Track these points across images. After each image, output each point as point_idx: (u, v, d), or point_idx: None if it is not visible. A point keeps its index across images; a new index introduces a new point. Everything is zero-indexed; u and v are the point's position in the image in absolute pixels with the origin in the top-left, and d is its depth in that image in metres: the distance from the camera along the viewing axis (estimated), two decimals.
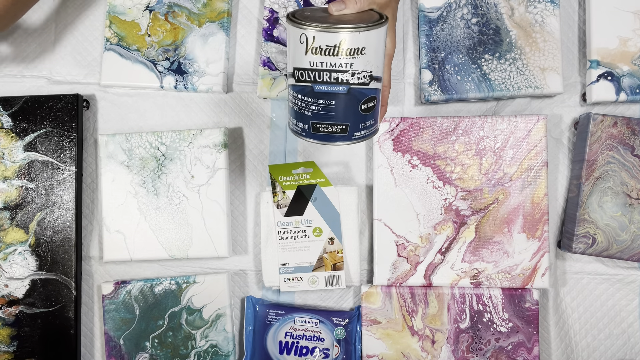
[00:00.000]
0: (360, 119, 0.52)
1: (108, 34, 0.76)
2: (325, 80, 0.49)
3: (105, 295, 0.73)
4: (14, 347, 0.73)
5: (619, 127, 0.68)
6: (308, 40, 0.48)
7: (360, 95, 0.51)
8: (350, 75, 0.49)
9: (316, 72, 0.49)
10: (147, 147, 0.73)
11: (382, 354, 0.71)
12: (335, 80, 0.49)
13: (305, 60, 0.49)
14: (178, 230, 0.73)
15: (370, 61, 0.49)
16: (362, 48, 0.48)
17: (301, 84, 0.50)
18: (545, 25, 0.70)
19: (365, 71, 0.49)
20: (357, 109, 0.51)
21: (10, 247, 0.73)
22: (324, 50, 0.48)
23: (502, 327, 0.69)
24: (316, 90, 0.50)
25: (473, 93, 0.70)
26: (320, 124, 0.52)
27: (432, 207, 0.70)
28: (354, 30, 0.47)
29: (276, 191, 0.72)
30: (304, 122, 0.53)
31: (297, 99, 0.52)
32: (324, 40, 0.48)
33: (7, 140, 0.74)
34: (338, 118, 0.51)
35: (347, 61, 0.48)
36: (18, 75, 0.79)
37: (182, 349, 0.73)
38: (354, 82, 0.49)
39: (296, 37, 0.49)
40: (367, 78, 0.50)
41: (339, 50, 0.48)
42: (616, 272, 0.72)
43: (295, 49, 0.50)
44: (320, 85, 0.49)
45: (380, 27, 0.49)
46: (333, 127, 0.52)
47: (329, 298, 0.75)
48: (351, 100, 0.50)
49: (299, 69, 0.50)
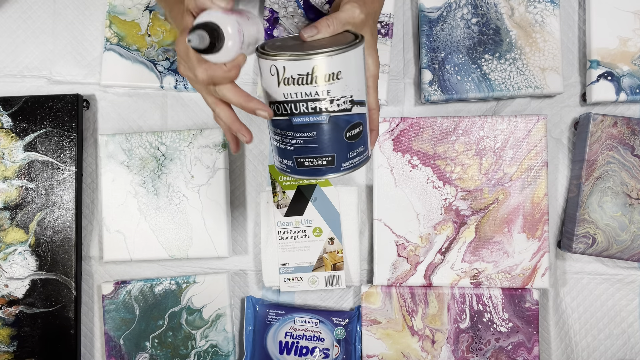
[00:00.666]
0: (347, 147, 0.49)
1: (108, 34, 0.76)
2: (303, 111, 0.46)
3: (105, 295, 0.73)
4: (14, 347, 0.73)
5: (619, 127, 0.68)
6: (279, 71, 0.45)
7: (344, 122, 0.47)
8: (329, 103, 0.45)
9: (292, 103, 0.46)
10: (147, 147, 0.73)
11: (382, 354, 0.71)
12: (313, 110, 0.46)
13: (279, 93, 0.46)
14: (178, 230, 0.73)
15: (349, 85, 0.46)
16: (338, 72, 0.45)
17: (278, 118, 0.47)
18: (545, 25, 0.70)
19: (344, 97, 0.46)
20: (341, 137, 0.48)
21: (10, 247, 0.73)
22: (296, 79, 0.45)
23: (502, 327, 0.69)
24: (295, 122, 0.46)
25: (473, 93, 0.70)
26: (304, 158, 0.49)
27: (432, 207, 0.70)
28: (327, 54, 0.44)
29: (276, 191, 0.72)
30: (287, 158, 0.49)
31: (277, 134, 0.49)
32: (295, 69, 0.45)
33: (7, 140, 0.74)
34: (323, 150, 0.48)
35: (323, 88, 0.45)
36: (18, 75, 0.79)
37: (182, 349, 0.73)
38: (334, 110, 0.46)
39: (266, 69, 0.46)
40: (348, 104, 0.46)
41: (313, 77, 0.45)
42: (616, 272, 0.72)
43: (267, 82, 0.47)
44: (298, 117, 0.46)
45: (355, 47, 0.46)
46: (318, 160, 0.49)
47: (329, 298, 0.75)
48: (334, 129, 0.47)
49: (274, 102, 0.47)
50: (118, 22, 0.76)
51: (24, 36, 0.79)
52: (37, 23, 0.79)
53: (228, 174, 0.74)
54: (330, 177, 0.50)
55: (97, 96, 0.78)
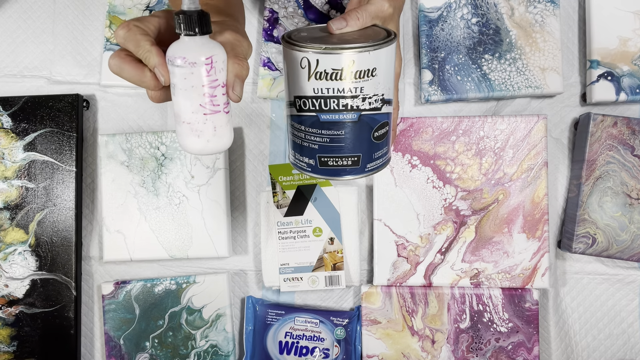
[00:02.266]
0: (373, 148, 0.47)
1: (108, 34, 0.76)
2: (333, 109, 0.43)
3: (105, 295, 0.73)
4: (14, 347, 0.73)
5: (619, 127, 0.68)
6: (310, 64, 0.42)
7: (372, 121, 0.45)
8: (361, 101, 0.43)
9: (321, 99, 0.43)
10: (147, 147, 0.73)
11: (382, 354, 0.71)
12: (344, 107, 0.43)
13: (307, 87, 0.43)
14: (178, 230, 0.73)
15: (381, 83, 0.44)
16: (373, 69, 0.43)
17: (304, 114, 0.45)
18: (545, 25, 0.70)
19: (377, 95, 0.44)
20: (369, 137, 0.46)
21: (10, 247, 0.73)
22: (329, 74, 0.42)
23: (502, 327, 0.69)
24: (322, 120, 0.44)
25: (473, 93, 0.70)
26: (328, 157, 0.46)
27: (432, 207, 0.70)
28: (363, 49, 0.42)
29: (276, 191, 0.72)
30: (309, 156, 0.47)
31: (300, 131, 0.46)
32: (329, 63, 0.42)
33: (7, 140, 0.74)
34: (349, 149, 0.46)
35: (356, 85, 0.43)
36: (18, 75, 0.79)
37: (182, 349, 0.73)
38: (365, 108, 0.44)
39: (295, 61, 0.43)
40: (379, 102, 0.44)
41: (347, 73, 0.42)
42: (616, 272, 0.72)
43: (294, 75, 0.44)
44: (327, 115, 0.44)
45: (390, 44, 0.44)
46: (343, 160, 0.46)
47: (329, 298, 0.75)
48: (362, 128, 0.45)
49: (300, 97, 0.44)
50: (118, 22, 0.76)
51: (24, 36, 0.79)
52: (37, 23, 0.79)
53: (228, 174, 0.74)
54: (352, 178, 0.48)
55: (97, 96, 0.78)
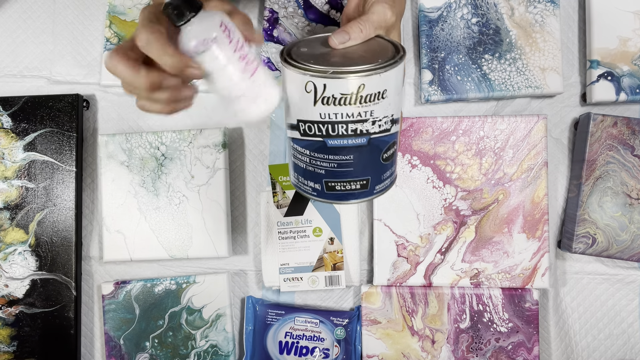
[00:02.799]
0: (382, 169, 0.44)
1: (108, 34, 0.76)
2: (341, 134, 0.41)
3: (105, 295, 0.73)
4: (14, 347, 0.73)
5: (619, 127, 0.68)
6: (317, 89, 0.39)
7: (382, 144, 0.43)
8: (371, 124, 0.41)
9: (329, 124, 0.40)
10: (147, 147, 0.73)
11: (382, 354, 0.71)
12: (352, 132, 0.40)
13: (314, 112, 0.40)
14: (178, 230, 0.73)
15: (391, 104, 0.41)
16: (384, 91, 0.40)
17: (309, 139, 0.42)
18: (545, 25, 0.70)
19: (387, 117, 0.41)
20: (378, 159, 0.43)
21: (10, 247, 0.73)
22: (338, 99, 0.39)
23: (502, 327, 0.69)
24: (329, 145, 0.41)
25: (473, 93, 0.70)
26: (336, 182, 0.44)
27: (432, 207, 0.70)
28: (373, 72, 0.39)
29: (276, 191, 0.72)
30: (315, 180, 0.44)
31: (304, 155, 0.43)
32: (338, 87, 0.39)
33: (7, 140, 0.74)
34: (357, 174, 0.43)
35: (366, 109, 0.40)
36: (18, 75, 0.79)
37: (182, 349, 0.73)
38: (375, 132, 0.41)
39: (299, 84, 0.40)
40: (389, 123, 0.42)
41: (357, 97, 0.39)
42: (616, 272, 0.72)
43: (298, 97, 0.41)
44: (335, 140, 0.41)
45: (400, 63, 0.41)
46: (352, 184, 0.44)
47: (329, 298, 0.75)
48: (372, 151, 0.42)
49: (305, 122, 0.41)
50: (118, 22, 0.76)
51: (24, 36, 0.79)
52: (37, 23, 0.79)
53: (228, 174, 0.74)
54: (360, 201, 0.45)
55: (97, 96, 0.78)
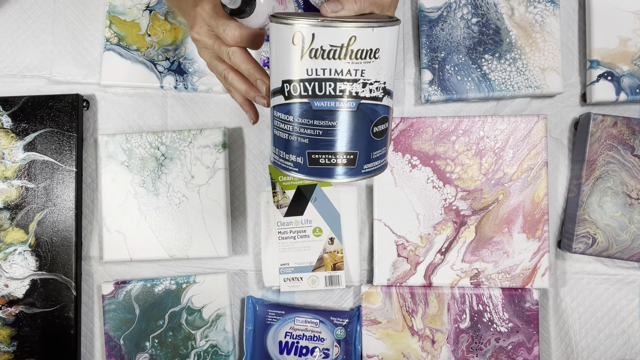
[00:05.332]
0: (372, 145, 0.41)
1: (108, 34, 0.76)
2: (329, 94, 0.37)
3: (105, 295, 0.73)
4: (14, 347, 0.73)
5: (619, 127, 0.68)
6: (305, 39, 0.37)
7: (373, 113, 0.39)
8: (361, 87, 0.38)
9: (315, 82, 0.37)
10: (147, 147, 0.73)
11: (382, 354, 0.71)
12: (341, 92, 0.37)
13: (300, 69, 0.38)
14: (178, 230, 0.73)
15: (384, 68, 0.39)
16: (376, 50, 0.37)
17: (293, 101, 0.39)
18: (545, 25, 0.70)
19: (378, 81, 0.38)
20: (368, 132, 0.40)
21: (10, 247, 0.73)
22: (327, 51, 0.37)
23: (502, 327, 0.69)
24: (315, 107, 0.38)
25: (473, 93, 0.70)
26: (320, 154, 0.40)
27: (432, 207, 0.70)
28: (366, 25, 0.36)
29: (276, 191, 0.72)
30: (297, 153, 0.40)
31: (287, 123, 0.40)
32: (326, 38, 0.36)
33: (7, 140, 0.74)
34: (344, 145, 0.39)
35: (357, 67, 0.37)
36: (18, 75, 0.79)
37: (182, 349, 0.73)
38: (365, 96, 0.38)
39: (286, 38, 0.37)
40: (381, 91, 0.39)
41: (348, 51, 0.37)
42: (616, 272, 0.72)
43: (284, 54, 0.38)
44: (321, 101, 0.38)
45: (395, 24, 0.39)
46: (337, 158, 0.40)
47: (329, 298, 0.75)
48: (361, 120, 0.39)
49: (290, 82, 0.38)
50: (118, 22, 0.76)
51: (24, 36, 0.79)
52: (37, 23, 0.79)
53: (228, 174, 0.74)
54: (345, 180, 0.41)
55: (97, 96, 0.78)
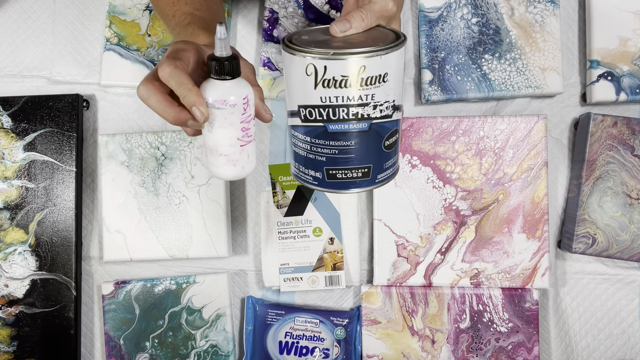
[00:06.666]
0: (384, 158, 0.44)
1: (108, 34, 0.76)
2: (342, 118, 0.41)
3: (105, 295, 0.73)
4: (14, 347, 0.73)
5: (619, 127, 0.68)
6: (317, 71, 0.39)
7: (383, 130, 0.42)
8: (372, 109, 0.41)
9: (329, 108, 0.40)
10: (147, 147, 0.73)
11: (382, 354, 0.71)
12: (354, 116, 0.41)
13: (314, 96, 0.41)
14: (178, 230, 0.73)
15: (392, 88, 0.41)
16: (385, 75, 0.40)
17: (310, 124, 0.42)
18: (545, 25, 0.70)
19: (387, 101, 0.41)
20: (380, 147, 0.43)
21: (10, 247, 0.73)
22: (338, 82, 0.39)
23: (502, 327, 0.69)
24: (330, 130, 0.41)
25: (473, 93, 0.70)
26: (337, 170, 0.43)
27: (432, 207, 0.70)
28: (373, 54, 0.39)
29: (276, 191, 0.72)
30: (316, 169, 0.44)
31: (305, 142, 0.43)
32: (338, 69, 0.39)
33: (7, 140, 0.74)
34: (359, 160, 0.43)
35: (367, 92, 0.40)
36: (18, 75, 0.79)
37: (182, 349, 0.73)
38: (376, 117, 0.41)
39: (299, 68, 0.40)
40: (390, 109, 0.42)
41: (357, 80, 0.39)
42: (616, 272, 0.72)
43: (299, 82, 0.41)
44: (336, 125, 0.41)
45: (400, 47, 0.41)
46: (353, 172, 0.43)
47: (329, 298, 0.75)
48: (373, 137, 0.42)
49: (306, 107, 0.41)
50: (118, 22, 0.76)
51: (24, 36, 0.79)
52: (37, 23, 0.79)
53: None
54: (361, 190, 0.45)
55: (97, 96, 0.78)
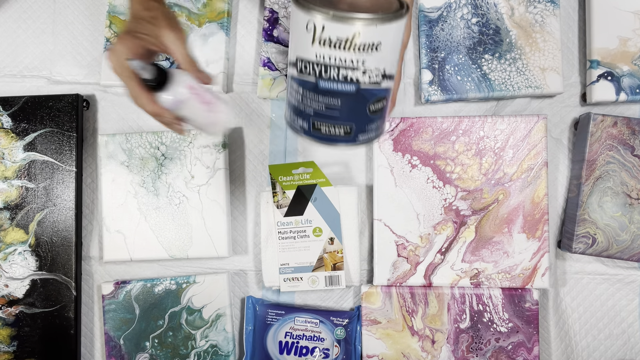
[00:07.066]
0: (367, 120, 0.47)
1: (108, 34, 0.76)
2: (332, 77, 0.43)
3: (105, 295, 0.73)
4: (14, 347, 0.73)
5: (619, 127, 0.68)
6: (316, 28, 0.41)
7: (370, 95, 0.45)
8: (361, 74, 0.43)
9: (322, 66, 0.43)
10: (147, 147, 0.73)
11: (382, 354, 0.71)
12: (343, 78, 0.43)
13: (310, 51, 0.43)
14: (178, 230, 0.73)
15: (385, 58, 0.43)
16: (378, 43, 0.42)
17: (303, 77, 0.45)
18: (545, 25, 0.70)
19: (378, 69, 0.43)
20: (364, 110, 0.46)
21: (10, 247, 0.73)
22: (333, 42, 0.41)
23: (502, 327, 0.69)
24: (320, 87, 0.44)
25: (473, 93, 0.70)
26: (321, 123, 0.46)
27: (432, 207, 0.70)
28: (370, 22, 0.41)
29: (276, 191, 0.72)
30: (304, 118, 0.47)
31: (298, 93, 0.46)
32: (335, 30, 0.41)
33: (7, 140, 0.74)
34: (342, 119, 0.46)
35: (358, 57, 0.42)
36: (18, 75, 0.79)
37: (182, 349, 0.73)
38: (364, 82, 0.44)
39: (302, 22, 0.42)
40: (380, 77, 0.44)
41: (352, 44, 0.41)
42: (616, 272, 0.72)
43: (300, 35, 0.43)
44: (326, 82, 0.44)
45: (400, 19, 0.42)
46: (336, 129, 0.47)
47: (329, 298, 0.75)
48: (359, 100, 0.45)
49: (302, 60, 0.44)
50: (118, 22, 0.76)
51: (24, 36, 0.79)
52: (37, 23, 0.79)
53: (228, 174, 0.74)
54: (341, 146, 0.48)
55: (97, 96, 0.78)
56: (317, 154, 0.75)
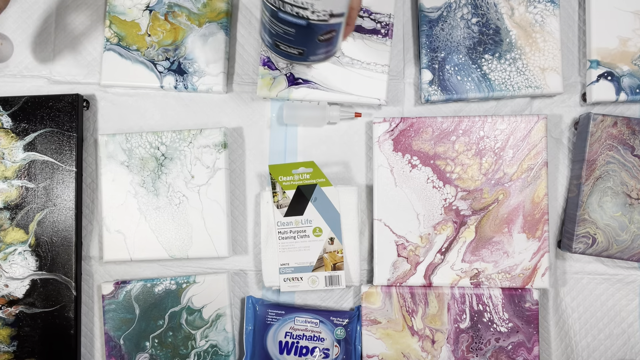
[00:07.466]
0: (317, 46, 0.57)
1: (108, 34, 0.76)
2: (287, 11, 0.52)
3: (105, 295, 0.73)
4: (14, 347, 0.73)
5: (619, 127, 0.68)
6: None
7: (319, 28, 0.54)
8: (311, 13, 0.52)
9: (280, 1, 0.51)
10: (147, 147, 0.73)
11: (382, 354, 0.71)
12: (296, 14, 0.52)
13: None
14: (178, 230, 0.73)
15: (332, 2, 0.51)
16: None
17: (269, 5, 0.53)
18: (545, 25, 0.70)
19: (325, 11, 0.52)
20: (314, 38, 0.56)
21: (10, 247, 0.73)
22: None
23: (502, 327, 0.69)
24: (279, 16, 0.53)
25: (473, 93, 0.70)
26: (280, 43, 0.57)
27: (432, 207, 0.70)
28: None
29: (276, 191, 0.72)
30: (269, 36, 0.58)
31: (265, 15, 0.56)
32: None
33: (7, 140, 0.74)
34: (296, 43, 0.56)
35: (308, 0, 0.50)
36: (18, 75, 0.79)
37: (182, 349, 0.73)
38: (313, 19, 0.52)
39: None
40: (327, 16, 0.53)
41: None
42: (616, 272, 0.72)
43: None
44: (283, 14, 0.53)
45: None
46: (292, 49, 0.58)
47: (329, 298, 0.75)
48: (309, 31, 0.54)
49: None
50: (118, 22, 0.76)
51: (24, 36, 0.79)
52: (37, 23, 0.79)
53: (228, 174, 0.74)
54: (296, 63, 0.63)
55: (97, 96, 0.78)
56: (317, 154, 0.75)
